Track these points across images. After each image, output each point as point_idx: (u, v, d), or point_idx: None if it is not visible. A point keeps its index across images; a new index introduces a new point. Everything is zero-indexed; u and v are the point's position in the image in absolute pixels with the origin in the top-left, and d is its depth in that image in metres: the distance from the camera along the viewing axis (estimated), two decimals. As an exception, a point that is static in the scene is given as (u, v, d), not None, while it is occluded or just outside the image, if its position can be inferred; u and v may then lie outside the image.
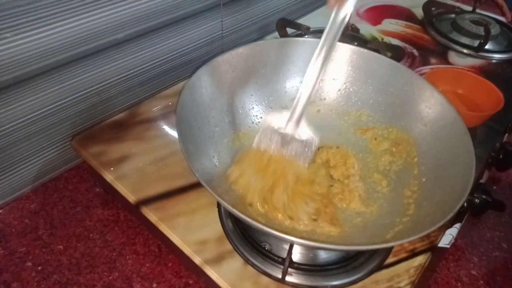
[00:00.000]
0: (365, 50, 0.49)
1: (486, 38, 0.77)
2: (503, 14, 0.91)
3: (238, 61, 0.47)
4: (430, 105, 0.44)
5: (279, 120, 0.43)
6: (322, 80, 0.52)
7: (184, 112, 0.39)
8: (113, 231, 0.51)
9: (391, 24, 0.87)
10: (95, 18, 0.50)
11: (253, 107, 0.50)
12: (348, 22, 0.77)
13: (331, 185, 0.45)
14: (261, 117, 0.51)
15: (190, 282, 0.46)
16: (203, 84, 0.44)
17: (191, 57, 0.68)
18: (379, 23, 0.87)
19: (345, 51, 0.50)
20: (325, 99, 0.53)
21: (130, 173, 0.49)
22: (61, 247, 0.49)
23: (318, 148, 0.47)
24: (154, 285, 0.46)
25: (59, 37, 0.47)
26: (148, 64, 0.61)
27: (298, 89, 0.41)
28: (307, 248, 0.43)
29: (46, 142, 0.54)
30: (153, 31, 0.58)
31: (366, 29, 0.84)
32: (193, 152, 0.38)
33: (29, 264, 0.47)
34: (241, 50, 0.47)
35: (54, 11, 0.45)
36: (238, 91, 0.49)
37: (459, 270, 0.51)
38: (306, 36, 0.70)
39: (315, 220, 0.41)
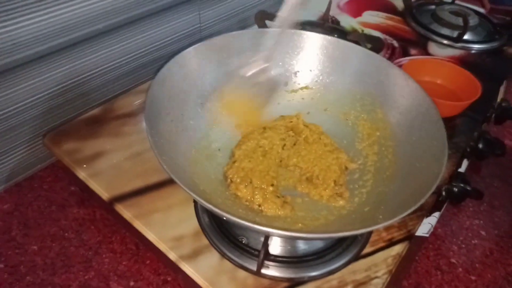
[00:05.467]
0: (341, 40, 0.48)
1: (465, 28, 0.77)
2: (483, 6, 0.92)
3: (211, 52, 0.46)
4: (405, 94, 0.44)
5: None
6: (299, 71, 0.51)
7: (155, 105, 0.38)
8: (89, 230, 0.50)
9: (372, 16, 0.87)
10: (67, 11, 0.49)
11: (229, 99, 0.50)
12: (328, 14, 0.77)
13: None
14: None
15: (169, 279, 0.46)
16: (175, 75, 0.43)
17: (169, 50, 0.67)
18: (360, 15, 0.87)
19: (320, 42, 0.50)
20: (305, 87, 0.52)
21: (104, 170, 0.48)
22: (35, 247, 0.48)
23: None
24: (132, 283, 0.45)
25: (29, 30, 0.46)
26: (124, 57, 0.60)
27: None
28: (285, 239, 0.43)
29: (19, 140, 0.52)
30: (128, 24, 0.57)
31: (347, 21, 0.83)
32: (164, 145, 0.38)
33: (1, 266, 0.46)
34: (214, 41, 0.46)
35: (24, 2, 0.44)
36: (213, 82, 0.48)
37: (439, 259, 0.52)
38: (285, 28, 0.69)
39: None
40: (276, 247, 0.42)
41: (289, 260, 0.41)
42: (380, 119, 0.47)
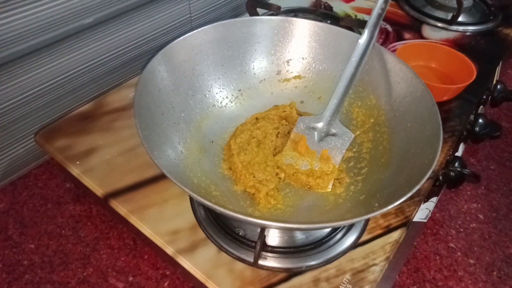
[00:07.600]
0: (332, 26, 0.47)
1: (458, 10, 0.76)
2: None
3: (201, 42, 0.45)
4: (399, 79, 0.44)
5: (312, 120, 0.45)
6: (291, 59, 0.51)
7: (144, 99, 0.38)
8: (86, 227, 0.50)
9: (365, 1, 0.85)
10: (52, 6, 0.47)
11: (220, 90, 0.49)
12: (320, 0, 0.76)
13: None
14: (230, 100, 0.50)
15: (168, 273, 0.46)
16: (164, 68, 0.42)
17: (160, 42, 0.65)
18: (353, 0, 0.85)
19: (311, 28, 0.49)
20: (298, 76, 0.52)
21: (97, 166, 0.47)
22: (32, 246, 0.47)
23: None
24: (130, 278, 0.45)
25: (15, 27, 0.45)
26: (114, 51, 0.59)
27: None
28: (282, 230, 0.42)
29: (11, 138, 0.52)
30: (116, 17, 0.56)
31: (339, 6, 0.82)
32: (155, 140, 0.37)
33: (-1, 265, 0.45)
34: (203, 32, 0.45)
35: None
36: (204, 74, 0.47)
37: (437, 244, 0.52)
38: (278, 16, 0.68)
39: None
40: (273, 237, 0.42)
41: (286, 250, 0.41)
42: (374, 106, 0.46)
